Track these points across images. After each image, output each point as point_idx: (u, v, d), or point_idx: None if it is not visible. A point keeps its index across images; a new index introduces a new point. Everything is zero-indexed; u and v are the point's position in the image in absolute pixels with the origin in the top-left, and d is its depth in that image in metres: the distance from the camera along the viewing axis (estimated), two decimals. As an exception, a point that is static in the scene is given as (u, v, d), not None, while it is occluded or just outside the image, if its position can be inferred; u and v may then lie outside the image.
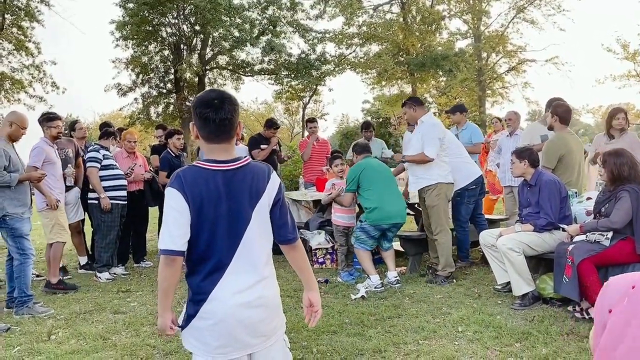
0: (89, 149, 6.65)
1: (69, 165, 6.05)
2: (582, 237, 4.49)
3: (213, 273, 2.04)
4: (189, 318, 2.07)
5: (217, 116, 2.04)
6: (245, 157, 2.15)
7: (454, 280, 5.67)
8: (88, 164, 6.41)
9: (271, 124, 8.30)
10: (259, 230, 2.12)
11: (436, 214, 5.69)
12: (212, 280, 2.04)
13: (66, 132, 7.03)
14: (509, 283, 4.87)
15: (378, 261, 6.64)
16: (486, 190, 7.61)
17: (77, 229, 6.81)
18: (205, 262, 2.05)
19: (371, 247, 5.72)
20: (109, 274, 6.46)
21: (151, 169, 7.43)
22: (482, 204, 6.90)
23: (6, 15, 21.42)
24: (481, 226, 6.29)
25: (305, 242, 6.98)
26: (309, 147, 8.43)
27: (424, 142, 5.64)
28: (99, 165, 6.39)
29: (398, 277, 5.62)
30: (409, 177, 6.07)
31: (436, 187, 5.67)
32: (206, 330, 2.04)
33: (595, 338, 1.29)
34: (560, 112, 5.64)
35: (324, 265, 6.68)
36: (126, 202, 6.60)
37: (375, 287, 5.41)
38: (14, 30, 22.09)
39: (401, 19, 25.49)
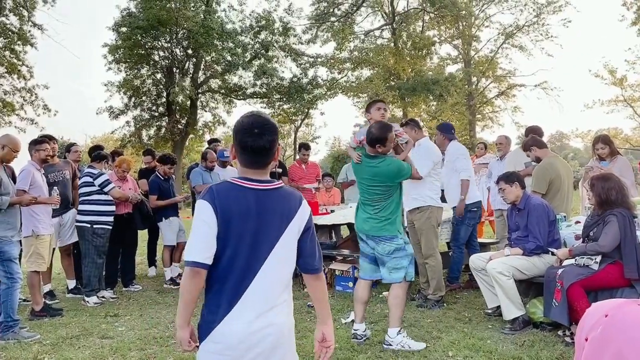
0: (83, 173, 6.63)
1: (55, 188, 6.01)
2: (571, 261, 4.52)
3: (231, 294, 2.00)
4: (200, 339, 2.03)
5: (257, 144, 2.02)
6: (279, 181, 2.14)
7: (444, 305, 5.66)
8: (107, 188, 6.42)
9: None
10: (283, 255, 2.08)
11: (427, 237, 5.69)
12: (229, 302, 2.00)
13: (59, 153, 7.03)
14: (499, 307, 4.86)
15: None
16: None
17: (67, 252, 6.77)
18: (226, 280, 2.01)
19: (365, 275, 4.72)
20: (97, 297, 6.39)
21: (140, 192, 7.42)
22: (477, 229, 6.93)
23: (-1, 38, 21.51)
24: (474, 250, 6.29)
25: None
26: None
27: (419, 160, 5.68)
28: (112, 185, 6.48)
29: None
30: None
31: (428, 210, 5.67)
32: (216, 355, 1.99)
33: None
34: (531, 142, 5.83)
35: (314, 289, 6.64)
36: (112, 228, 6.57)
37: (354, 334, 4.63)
38: (7, 53, 22.14)
39: (392, 44, 25.81)
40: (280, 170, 8.41)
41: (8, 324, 4.92)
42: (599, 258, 4.27)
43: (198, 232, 1.99)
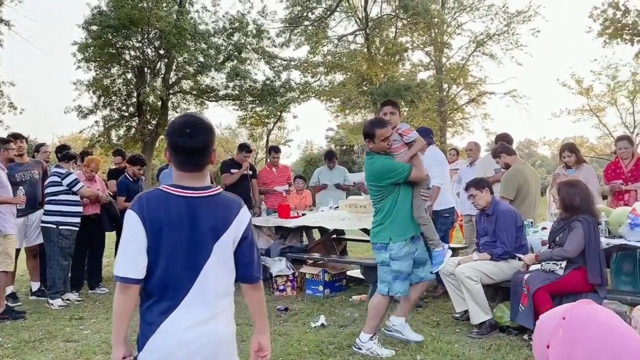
0: (51, 172, 6.50)
1: (20, 187, 5.88)
2: (538, 266, 4.60)
3: (166, 304, 1.94)
4: (138, 351, 1.98)
5: (188, 145, 1.96)
6: (216, 187, 2.08)
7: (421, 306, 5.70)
8: (76, 187, 6.29)
9: (242, 148, 8.34)
10: (219, 265, 2.01)
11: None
12: (164, 312, 1.94)
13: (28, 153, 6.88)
14: (467, 311, 4.92)
15: (338, 289, 6.63)
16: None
17: (33, 253, 6.62)
18: (160, 291, 1.95)
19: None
20: (62, 300, 6.25)
21: (109, 193, 7.30)
22: (448, 234, 6.98)
23: (-36, 34, 20.93)
24: None
25: (266, 269, 6.92)
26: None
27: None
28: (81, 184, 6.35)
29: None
30: None
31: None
32: None
33: None
34: (500, 149, 5.93)
35: (284, 292, 6.62)
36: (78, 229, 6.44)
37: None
38: (-28, 49, 21.57)
39: (365, 50, 25.94)
40: (250, 172, 8.37)
41: (-32, 326, 4.78)
42: (564, 263, 4.36)
43: (126, 246, 1.94)
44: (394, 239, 4.25)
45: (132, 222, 1.93)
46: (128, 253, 1.93)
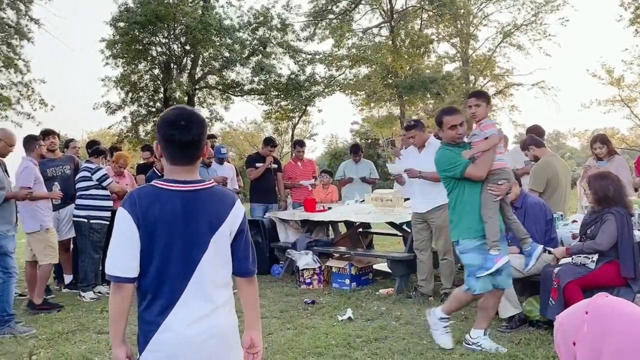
0: (81, 167, 6.63)
1: (55, 183, 6.02)
2: (568, 259, 4.52)
3: (165, 302, 1.92)
4: (140, 352, 1.96)
5: (183, 138, 1.92)
6: (209, 179, 2.05)
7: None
8: (106, 182, 6.42)
9: (268, 142, 8.43)
10: (216, 258, 1.98)
11: (447, 234, 5.70)
12: (164, 310, 1.92)
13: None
14: (495, 305, 4.87)
15: (364, 283, 6.63)
16: None
17: (65, 247, 6.77)
18: (157, 289, 1.92)
19: None
20: (94, 293, 6.38)
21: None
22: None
23: (-4, 32, 21.40)
24: None
25: (292, 262, 6.96)
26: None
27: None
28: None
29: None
30: (415, 197, 5.97)
31: (446, 207, 5.69)
32: None
33: None
34: (529, 141, 5.83)
35: (311, 285, 6.65)
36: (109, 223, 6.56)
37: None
38: (4, 47, 22.03)
39: (390, 42, 25.77)
40: (275, 166, 8.43)
41: (4, 318, 4.91)
42: (595, 257, 4.28)
43: (118, 245, 1.92)
44: (462, 236, 4.12)
45: (123, 220, 1.90)
46: (118, 252, 1.92)
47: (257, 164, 8.20)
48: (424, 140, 5.88)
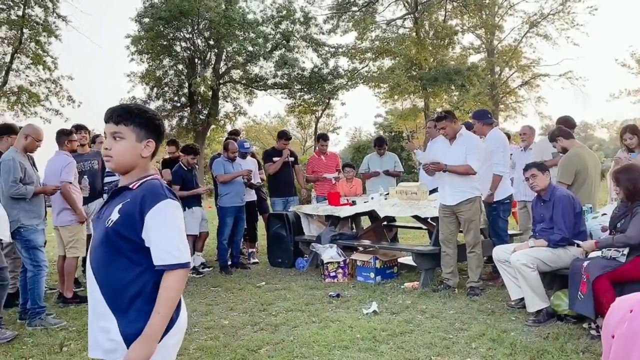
0: None
1: (85, 177, 6.13)
2: (598, 253, 4.44)
3: None
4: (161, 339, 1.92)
5: None
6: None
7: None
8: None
9: (281, 135, 8.49)
10: None
11: (476, 227, 5.77)
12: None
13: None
14: (522, 299, 4.81)
15: (389, 276, 6.61)
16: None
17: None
18: None
19: None
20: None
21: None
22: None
23: (24, 30, 21.76)
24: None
25: (317, 255, 6.97)
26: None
27: (469, 154, 5.65)
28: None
29: None
30: (444, 189, 5.91)
31: (476, 200, 5.73)
32: (175, 346, 1.99)
33: None
34: (558, 133, 5.73)
35: (335, 279, 6.64)
36: None
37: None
38: (32, 44, 22.42)
39: (414, 34, 25.54)
40: (292, 159, 8.49)
41: (35, 310, 5.01)
42: (626, 250, 4.19)
43: (182, 232, 1.97)
44: None
45: (179, 210, 2.01)
46: (184, 239, 1.97)
47: (275, 158, 8.25)
48: (455, 131, 5.81)
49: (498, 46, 28.82)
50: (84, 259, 7.01)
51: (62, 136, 5.91)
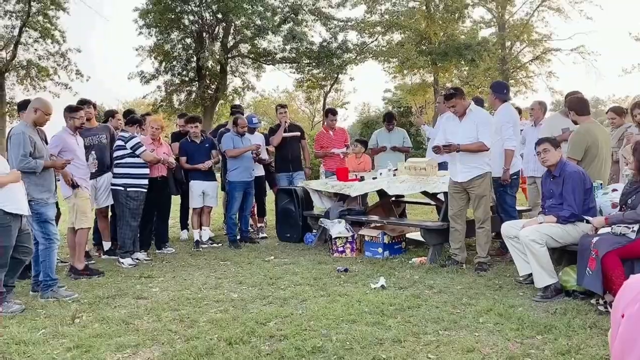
0: (117, 137, 6.76)
1: (92, 152, 6.15)
2: (607, 229, 4.42)
3: None
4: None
5: None
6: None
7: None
8: (139, 150, 6.54)
9: (277, 108, 8.73)
10: None
11: (486, 202, 5.78)
12: None
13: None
14: (530, 275, 4.82)
15: (397, 252, 6.63)
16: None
17: (103, 214, 6.94)
18: None
19: None
20: (132, 259, 6.54)
21: (174, 157, 7.49)
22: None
23: (32, 3, 21.67)
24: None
25: (325, 230, 6.99)
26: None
27: (480, 130, 5.63)
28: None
29: None
30: (455, 166, 5.86)
31: (486, 176, 5.73)
32: None
33: (611, 341, 1.26)
34: (572, 105, 5.66)
35: (343, 254, 6.68)
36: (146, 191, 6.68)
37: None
38: (40, 18, 22.35)
39: (424, 7, 25.20)
40: (298, 133, 8.52)
41: (47, 283, 5.08)
42: (636, 227, 4.17)
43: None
44: None
45: None
46: None
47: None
48: (465, 107, 5.76)
49: (509, 20, 28.37)
50: (95, 231, 7.11)
51: (64, 112, 5.94)
